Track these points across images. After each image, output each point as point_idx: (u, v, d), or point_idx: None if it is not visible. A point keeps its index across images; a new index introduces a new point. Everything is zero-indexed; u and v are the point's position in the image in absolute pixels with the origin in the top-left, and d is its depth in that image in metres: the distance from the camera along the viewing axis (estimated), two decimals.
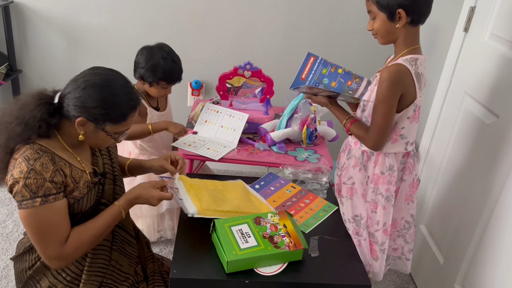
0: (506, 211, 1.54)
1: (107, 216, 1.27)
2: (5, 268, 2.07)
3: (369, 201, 1.57)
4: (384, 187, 1.54)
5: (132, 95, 1.23)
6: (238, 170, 2.99)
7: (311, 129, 2.05)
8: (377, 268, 1.62)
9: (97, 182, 1.31)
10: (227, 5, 2.63)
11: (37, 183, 1.12)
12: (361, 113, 1.56)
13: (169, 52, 1.95)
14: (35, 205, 1.12)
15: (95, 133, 1.22)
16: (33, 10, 2.65)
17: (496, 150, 1.62)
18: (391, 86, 1.40)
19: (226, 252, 1.21)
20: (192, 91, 2.80)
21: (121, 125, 1.23)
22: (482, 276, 1.65)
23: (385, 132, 1.46)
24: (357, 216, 1.59)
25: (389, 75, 1.40)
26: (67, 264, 1.25)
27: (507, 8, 1.66)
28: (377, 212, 1.56)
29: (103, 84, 1.18)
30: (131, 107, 1.23)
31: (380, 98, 1.43)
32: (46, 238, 1.17)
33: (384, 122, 1.44)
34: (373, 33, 1.49)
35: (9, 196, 2.56)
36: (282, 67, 2.79)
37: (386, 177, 1.54)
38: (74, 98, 1.17)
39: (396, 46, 1.48)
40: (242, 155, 1.96)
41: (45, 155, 1.16)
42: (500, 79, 1.65)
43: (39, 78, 2.83)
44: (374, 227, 1.58)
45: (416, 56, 1.43)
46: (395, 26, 1.42)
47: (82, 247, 1.22)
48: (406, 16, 1.38)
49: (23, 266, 1.32)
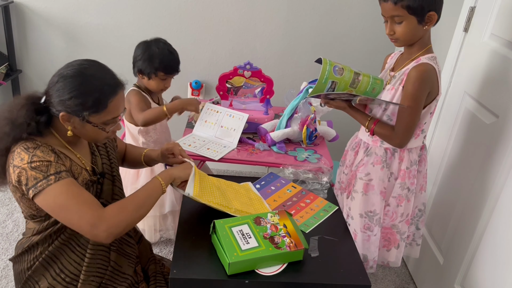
0: (506, 211, 1.54)
1: (147, 186, 1.27)
2: (5, 268, 2.07)
3: (395, 196, 1.63)
4: (410, 181, 1.62)
5: (108, 80, 1.19)
6: (238, 170, 2.99)
7: (311, 129, 2.05)
8: (393, 257, 1.71)
9: (96, 181, 1.30)
10: (227, 5, 2.63)
11: (44, 164, 1.12)
12: (382, 112, 1.59)
13: (165, 43, 1.99)
14: (50, 183, 1.10)
15: (83, 127, 1.20)
16: (33, 10, 2.65)
17: (495, 150, 1.63)
18: (421, 85, 1.45)
19: (227, 253, 1.21)
20: (192, 91, 2.80)
21: (104, 113, 1.18)
22: (482, 276, 1.65)
23: (412, 130, 1.52)
24: (371, 212, 1.64)
25: (420, 74, 1.44)
26: (115, 231, 1.14)
27: (507, 8, 1.66)
28: (403, 205, 1.64)
29: (74, 74, 1.16)
30: (108, 92, 1.17)
31: (409, 97, 1.47)
32: (78, 207, 1.11)
33: (412, 120, 1.50)
34: (394, 37, 1.49)
35: (9, 196, 2.56)
36: (282, 67, 2.79)
37: (412, 171, 1.62)
38: (52, 94, 1.17)
39: (412, 46, 1.51)
40: (242, 155, 1.96)
41: (44, 145, 1.17)
42: (500, 79, 1.65)
43: (39, 78, 2.83)
44: (398, 219, 1.65)
45: (434, 55, 1.50)
46: (422, 28, 1.45)
47: (124, 211, 1.17)
48: (436, 18, 1.43)
49: (22, 267, 1.31)
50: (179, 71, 2.01)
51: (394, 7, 1.41)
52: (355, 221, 1.67)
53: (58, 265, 1.28)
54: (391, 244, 1.68)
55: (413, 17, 1.42)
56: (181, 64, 2.01)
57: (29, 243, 1.30)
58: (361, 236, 1.67)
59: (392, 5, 1.42)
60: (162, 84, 1.99)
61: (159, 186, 1.28)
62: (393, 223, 1.66)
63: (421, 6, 1.39)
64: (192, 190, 1.36)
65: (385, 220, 1.66)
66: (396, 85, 1.53)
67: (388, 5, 1.43)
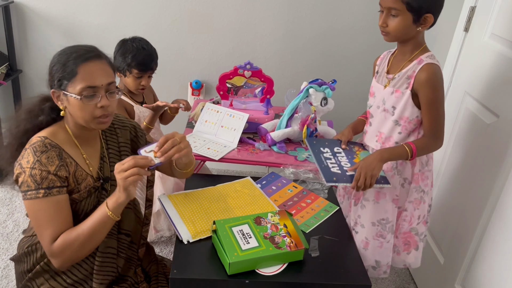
0: (506, 211, 1.54)
1: (94, 218, 1.18)
2: (5, 268, 2.07)
3: (412, 201, 1.60)
4: (424, 183, 1.59)
5: (80, 51, 1.19)
6: (238, 170, 2.99)
7: (311, 129, 2.05)
8: (413, 258, 1.67)
9: (99, 188, 1.30)
10: (227, 5, 2.63)
11: (42, 175, 1.15)
12: (389, 118, 1.56)
13: (141, 40, 1.97)
14: (39, 196, 1.14)
15: (68, 103, 1.20)
16: (33, 10, 2.64)
17: (496, 150, 1.62)
18: (438, 87, 1.45)
19: (227, 253, 1.21)
20: (192, 91, 2.80)
21: (77, 81, 1.16)
22: (482, 276, 1.65)
23: (443, 128, 1.51)
24: (383, 220, 1.60)
25: (433, 78, 1.42)
26: (61, 264, 1.20)
27: (507, 8, 1.66)
28: (420, 208, 1.61)
29: (55, 54, 1.22)
30: (76, 58, 1.17)
31: (434, 104, 1.46)
32: (41, 231, 1.18)
33: (443, 120, 1.49)
34: (386, 30, 1.46)
35: (9, 196, 2.56)
36: (282, 67, 2.79)
37: (424, 173, 1.59)
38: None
39: (407, 45, 1.49)
40: (242, 155, 1.96)
41: (53, 149, 1.19)
42: (501, 79, 1.65)
43: (39, 78, 2.82)
44: (416, 221, 1.62)
45: (431, 53, 1.48)
46: (415, 29, 1.42)
47: (69, 249, 1.17)
48: (432, 21, 1.40)
49: (22, 268, 1.31)
50: (153, 68, 1.99)
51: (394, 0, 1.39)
52: (366, 229, 1.62)
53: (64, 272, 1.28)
54: (410, 247, 1.65)
55: (409, 14, 1.39)
56: (181, 64, 2.00)
57: (29, 243, 1.30)
58: (374, 243, 1.62)
59: None
60: (138, 82, 1.97)
61: (106, 218, 1.17)
62: (411, 226, 1.63)
63: (420, 5, 1.37)
64: (189, 234, 1.34)
65: (403, 226, 1.63)
66: (402, 88, 1.50)
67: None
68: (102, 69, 1.21)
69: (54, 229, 1.17)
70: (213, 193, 1.55)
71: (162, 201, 1.48)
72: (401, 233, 1.65)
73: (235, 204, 1.50)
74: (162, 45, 2.68)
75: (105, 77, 1.20)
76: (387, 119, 1.57)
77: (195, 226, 1.36)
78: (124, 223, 1.36)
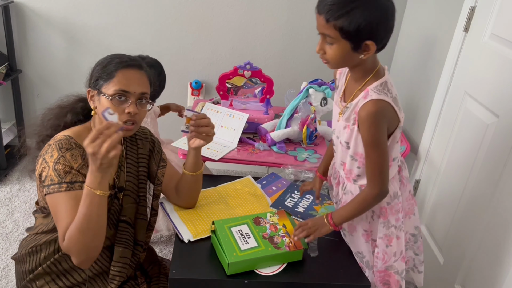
0: (506, 211, 1.54)
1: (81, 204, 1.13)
2: (5, 268, 2.07)
3: (382, 237, 1.38)
4: (394, 217, 1.37)
5: (123, 57, 1.25)
6: (238, 170, 2.99)
7: (311, 129, 2.05)
8: None
9: (112, 196, 1.29)
10: (227, 5, 2.63)
11: (65, 169, 1.16)
12: (345, 152, 1.37)
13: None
14: (61, 190, 1.15)
15: (100, 103, 1.22)
16: (33, 10, 2.65)
17: (496, 150, 1.62)
18: (377, 128, 1.22)
19: (226, 253, 1.21)
20: (192, 91, 2.80)
21: (113, 82, 1.20)
22: (482, 276, 1.65)
23: (387, 171, 1.29)
24: (360, 253, 1.43)
25: (371, 118, 1.21)
26: (77, 260, 1.16)
27: (507, 8, 1.65)
28: (393, 244, 1.39)
29: (102, 58, 1.27)
30: (118, 63, 1.22)
31: (370, 144, 1.25)
32: (58, 226, 1.17)
33: (383, 162, 1.27)
34: (324, 57, 1.23)
35: (9, 196, 2.56)
36: (282, 67, 2.79)
37: (393, 206, 1.37)
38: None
39: (355, 71, 1.28)
40: (242, 155, 1.96)
41: (77, 149, 1.20)
42: (500, 79, 1.65)
43: (39, 78, 2.83)
44: (392, 259, 1.40)
45: (383, 80, 1.24)
46: (358, 56, 1.19)
47: (72, 239, 1.12)
48: (375, 48, 1.17)
49: (24, 268, 1.31)
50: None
51: (326, 25, 1.15)
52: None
53: (64, 274, 1.28)
54: (395, 286, 1.44)
55: (346, 42, 1.15)
56: (180, 64, 2.00)
57: (34, 243, 1.29)
58: None
59: (324, 21, 1.15)
60: None
61: (92, 195, 1.10)
62: (387, 264, 1.41)
63: (357, 31, 1.12)
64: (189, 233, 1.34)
65: (377, 264, 1.41)
66: (351, 123, 1.30)
67: (321, 20, 1.16)
68: (139, 78, 1.24)
69: (64, 224, 1.15)
70: (213, 194, 1.55)
71: (163, 203, 1.48)
72: (376, 272, 1.44)
73: (235, 203, 1.50)
74: (162, 45, 2.69)
75: (140, 86, 1.23)
76: (345, 152, 1.38)
77: (195, 226, 1.37)
78: (139, 235, 1.38)
